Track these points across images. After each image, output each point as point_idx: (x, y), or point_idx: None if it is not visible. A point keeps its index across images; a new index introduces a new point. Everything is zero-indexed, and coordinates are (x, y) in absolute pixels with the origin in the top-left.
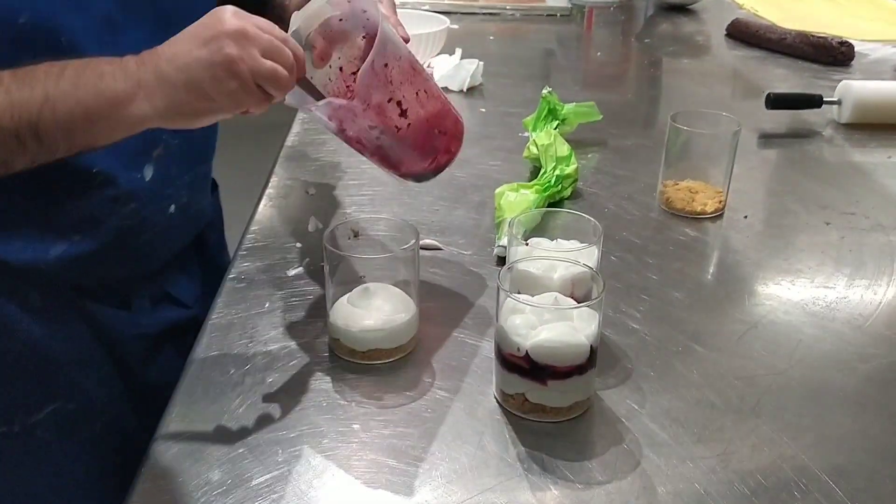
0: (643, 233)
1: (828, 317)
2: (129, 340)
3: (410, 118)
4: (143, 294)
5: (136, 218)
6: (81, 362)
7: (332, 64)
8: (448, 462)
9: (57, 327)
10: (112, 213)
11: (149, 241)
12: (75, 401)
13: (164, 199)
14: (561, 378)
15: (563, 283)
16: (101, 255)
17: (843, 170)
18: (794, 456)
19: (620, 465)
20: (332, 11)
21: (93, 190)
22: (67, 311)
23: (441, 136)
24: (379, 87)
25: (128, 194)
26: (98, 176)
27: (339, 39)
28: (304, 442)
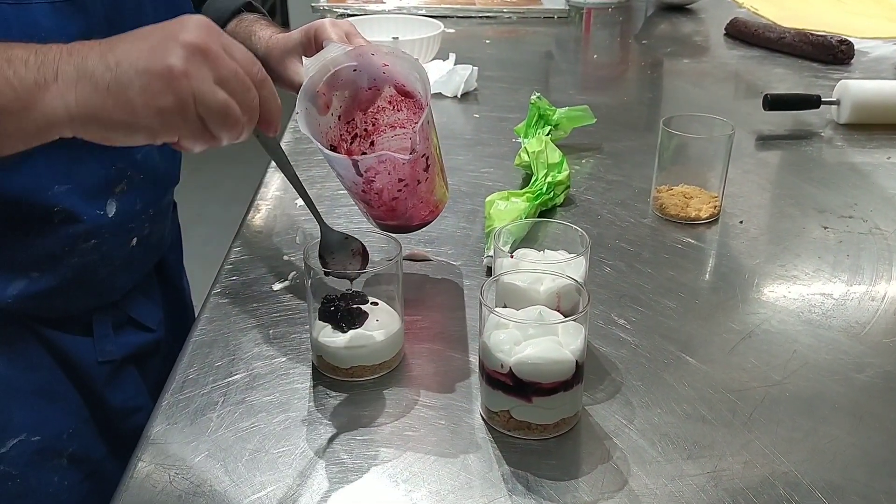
0: (636, 240)
1: (824, 325)
2: (92, 367)
3: (430, 172)
4: (104, 320)
5: (97, 253)
6: (44, 392)
7: (332, 112)
8: (431, 483)
9: (16, 358)
10: (73, 249)
11: (109, 274)
12: (39, 433)
13: (126, 233)
14: (546, 395)
15: (549, 296)
16: (61, 291)
17: (842, 171)
18: (788, 472)
19: (608, 484)
20: (349, 62)
21: (54, 227)
22: (27, 341)
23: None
24: (422, 143)
25: (89, 231)
26: (60, 213)
27: (340, 87)
28: (284, 464)
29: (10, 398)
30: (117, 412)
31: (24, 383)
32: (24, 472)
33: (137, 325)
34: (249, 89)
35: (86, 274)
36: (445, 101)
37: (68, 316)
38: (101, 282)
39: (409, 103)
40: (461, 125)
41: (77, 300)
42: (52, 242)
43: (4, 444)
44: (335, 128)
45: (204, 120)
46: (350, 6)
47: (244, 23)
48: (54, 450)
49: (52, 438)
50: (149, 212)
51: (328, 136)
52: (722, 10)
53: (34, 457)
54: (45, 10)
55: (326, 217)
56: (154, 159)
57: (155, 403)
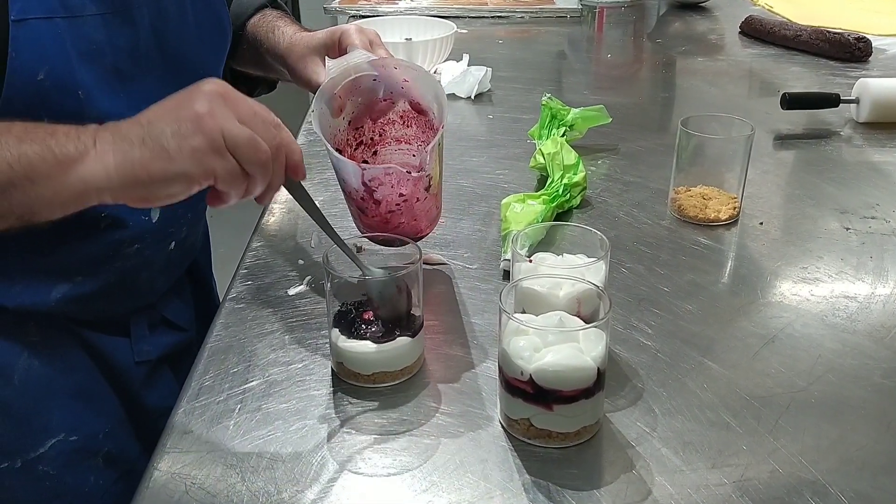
0: (654, 242)
1: (849, 329)
2: (128, 367)
3: (429, 193)
4: (140, 321)
5: (140, 258)
6: (82, 393)
7: (344, 116)
8: (451, 493)
9: (56, 360)
10: (117, 254)
11: (149, 277)
12: (77, 433)
13: (167, 237)
14: (567, 402)
15: (569, 302)
16: (102, 294)
17: (862, 171)
18: (815, 481)
19: (631, 494)
20: (371, 71)
21: (100, 233)
22: (66, 343)
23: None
24: (430, 163)
25: (134, 236)
26: (107, 219)
27: (356, 93)
28: (302, 473)
29: (50, 399)
30: (152, 412)
31: (63, 384)
32: (61, 472)
33: (171, 326)
34: (269, 127)
35: (127, 278)
36: (459, 102)
37: (107, 318)
38: (141, 285)
39: (420, 121)
40: (475, 127)
41: (117, 303)
42: (97, 248)
43: (43, 445)
44: (343, 132)
45: (236, 156)
46: (362, 7)
47: (267, 18)
48: (91, 450)
49: (88, 438)
50: (188, 216)
51: (336, 139)
52: (736, 8)
53: (71, 456)
54: (95, 23)
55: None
56: None
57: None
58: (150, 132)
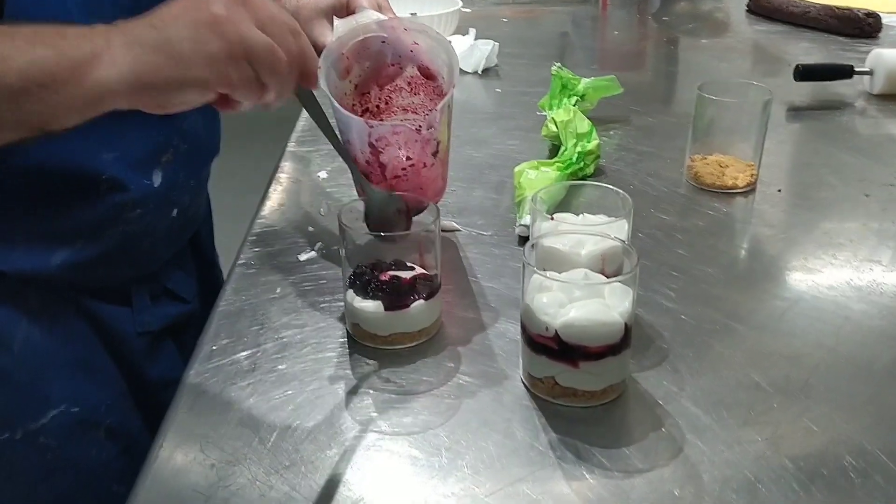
0: (671, 209)
1: (875, 291)
2: (130, 338)
3: (436, 159)
4: (142, 291)
5: (142, 224)
6: (83, 364)
7: (351, 79)
8: (475, 451)
9: (57, 329)
10: (118, 219)
11: (151, 245)
12: (79, 404)
13: (170, 203)
14: (593, 359)
15: (592, 260)
16: (104, 261)
17: (879, 142)
18: (851, 438)
19: (661, 452)
20: (380, 32)
21: (101, 196)
22: (67, 312)
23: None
24: (438, 124)
25: (135, 201)
26: (107, 182)
27: (364, 57)
28: (320, 432)
29: (50, 369)
30: (154, 385)
31: (64, 354)
32: (63, 445)
33: (174, 297)
34: (287, 34)
35: (129, 244)
36: (466, 77)
37: (108, 287)
38: (143, 252)
39: (429, 88)
40: (483, 100)
41: (119, 270)
42: (98, 212)
43: (44, 415)
44: (349, 95)
45: (252, 64)
46: None
47: None
48: (92, 422)
49: (90, 410)
50: (190, 183)
51: (341, 103)
52: None
53: (73, 429)
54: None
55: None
56: (198, 129)
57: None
58: (165, 36)
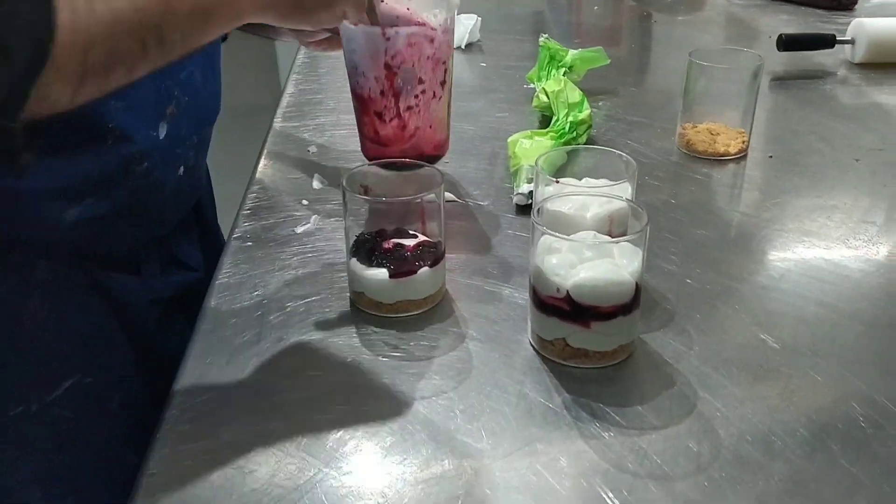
0: (665, 176)
1: (871, 250)
2: (140, 307)
3: (444, 91)
4: (151, 259)
5: (149, 179)
6: (95, 335)
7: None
8: (490, 413)
9: (68, 301)
10: (126, 173)
11: (159, 204)
12: (92, 375)
13: (175, 159)
14: (605, 319)
15: (598, 222)
16: (114, 220)
17: (865, 109)
18: (861, 391)
19: (675, 409)
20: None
21: (108, 148)
22: (78, 283)
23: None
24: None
25: (142, 153)
26: (114, 132)
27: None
28: (332, 400)
29: (63, 341)
30: (164, 355)
31: (76, 326)
32: (77, 416)
33: (182, 265)
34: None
35: (138, 201)
36: None
37: (118, 254)
38: (151, 211)
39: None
40: (469, 74)
41: (129, 231)
42: (107, 164)
43: (59, 387)
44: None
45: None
46: None
47: None
48: (105, 393)
49: (103, 381)
50: (193, 139)
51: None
52: None
53: (86, 400)
54: None
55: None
56: (196, 83)
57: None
58: None
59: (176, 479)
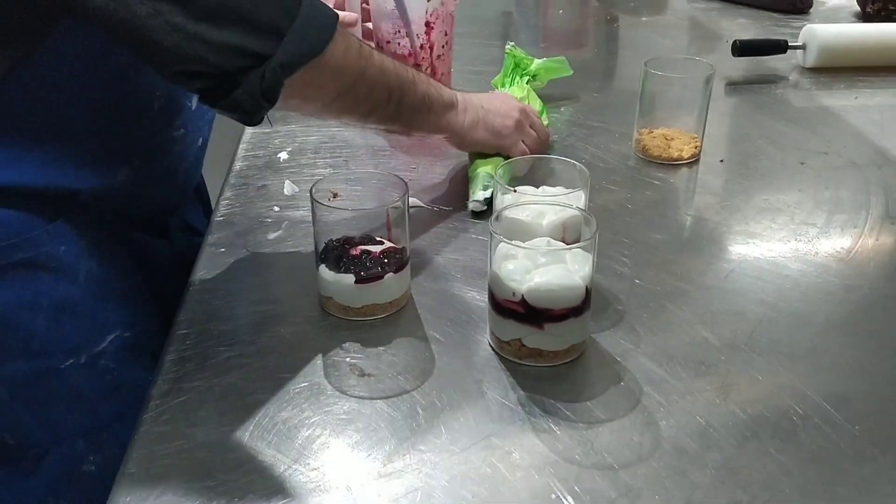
0: (622, 181)
1: (811, 251)
2: (165, 268)
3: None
4: (175, 223)
5: (182, 144)
6: (133, 294)
7: None
8: (450, 410)
9: (111, 262)
10: (168, 137)
11: (187, 169)
12: (130, 330)
13: (198, 130)
14: (557, 321)
15: (553, 229)
16: (156, 181)
17: (813, 112)
18: (792, 385)
19: (621, 403)
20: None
21: (154, 113)
22: (119, 247)
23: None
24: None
25: (180, 120)
26: (160, 99)
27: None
28: (301, 398)
29: (108, 298)
30: None
31: (118, 285)
32: (119, 366)
33: (193, 231)
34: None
35: (174, 164)
36: None
37: (152, 217)
38: (181, 175)
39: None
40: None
41: (166, 191)
42: (153, 127)
43: (104, 340)
44: None
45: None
46: None
47: None
48: (143, 346)
49: (140, 335)
50: (206, 116)
51: None
52: None
53: (128, 352)
54: None
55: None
56: None
57: None
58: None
59: (152, 477)
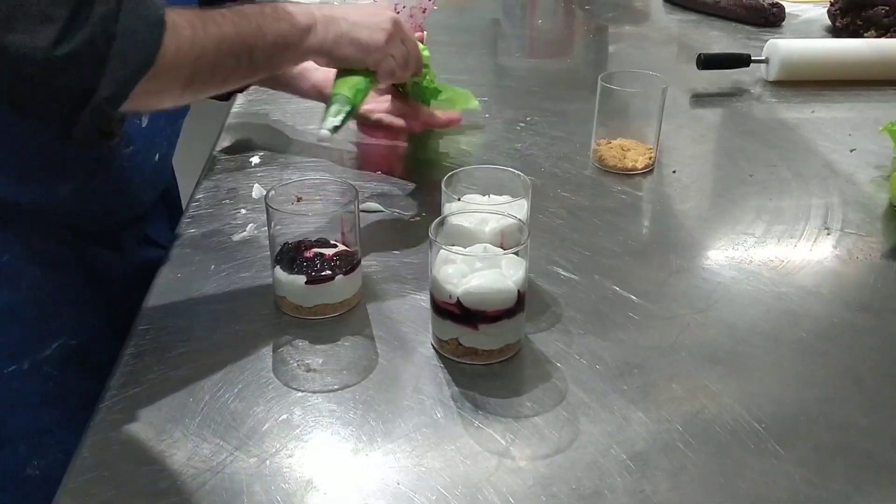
0: (577, 189)
1: (745, 260)
2: (119, 279)
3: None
4: (129, 236)
5: (133, 161)
6: (80, 302)
7: None
8: (387, 404)
9: (58, 270)
10: (115, 154)
11: (138, 185)
12: (76, 337)
13: (153, 146)
14: (490, 322)
15: (493, 236)
16: (100, 196)
17: (770, 125)
18: (708, 385)
19: (547, 400)
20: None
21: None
22: (67, 255)
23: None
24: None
25: (129, 137)
26: None
27: None
28: (249, 391)
29: (53, 306)
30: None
31: (64, 293)
32: (63, 374)
33: (153, 243)
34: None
35: (123, 180)
36: None
37: (102, 230)
38: (133, 190)
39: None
40: None
41: (112, 207)
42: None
43: (48, 347)
44: None
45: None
46: None
47: None
48: (87, 353)
49: (85, 343)
50: (167, 131)
51: None
52: None
53: (72, 359)
54: None
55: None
56: None
57: None
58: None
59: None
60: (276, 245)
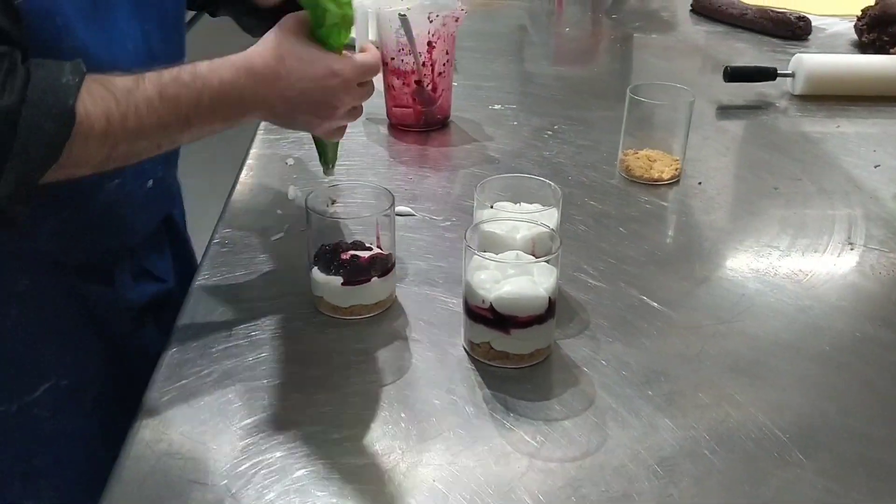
0: (604, 198)
1: (770, 272)
2: (113, 316)
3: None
4: (124, 270)
5: (121, 192)
6: (71, 340)
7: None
8: (422, 404)
9: (47, 308)
10: (99, 189)
11: (130, 213)
12: (67, 378)
13: (144, 173)
14: (522, 327)
15: (524, 243)
16: (88, 230)
17: (794, 139)
18: (733, 394)
19: (576, 404)
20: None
21: None
22: (55, 292)
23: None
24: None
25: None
26: None
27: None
28: (290, 388)
29: (42, 345)
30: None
31: (54, 332)
32: (55, 415)
33: (152, 277)
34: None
35: (110, 213)
36: None
37: (91, 263)
38: (124, 222)
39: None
40: None
41: (102, 241)
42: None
43: (37, 389)
44: None
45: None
46: None
47: None
48: (80, 394)
49: (77, 383)
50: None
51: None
52: None
53: (63, 400)
54: None
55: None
56: None
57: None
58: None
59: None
60: (313, 247)
